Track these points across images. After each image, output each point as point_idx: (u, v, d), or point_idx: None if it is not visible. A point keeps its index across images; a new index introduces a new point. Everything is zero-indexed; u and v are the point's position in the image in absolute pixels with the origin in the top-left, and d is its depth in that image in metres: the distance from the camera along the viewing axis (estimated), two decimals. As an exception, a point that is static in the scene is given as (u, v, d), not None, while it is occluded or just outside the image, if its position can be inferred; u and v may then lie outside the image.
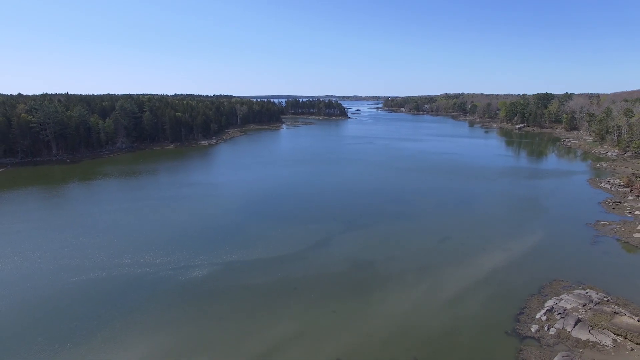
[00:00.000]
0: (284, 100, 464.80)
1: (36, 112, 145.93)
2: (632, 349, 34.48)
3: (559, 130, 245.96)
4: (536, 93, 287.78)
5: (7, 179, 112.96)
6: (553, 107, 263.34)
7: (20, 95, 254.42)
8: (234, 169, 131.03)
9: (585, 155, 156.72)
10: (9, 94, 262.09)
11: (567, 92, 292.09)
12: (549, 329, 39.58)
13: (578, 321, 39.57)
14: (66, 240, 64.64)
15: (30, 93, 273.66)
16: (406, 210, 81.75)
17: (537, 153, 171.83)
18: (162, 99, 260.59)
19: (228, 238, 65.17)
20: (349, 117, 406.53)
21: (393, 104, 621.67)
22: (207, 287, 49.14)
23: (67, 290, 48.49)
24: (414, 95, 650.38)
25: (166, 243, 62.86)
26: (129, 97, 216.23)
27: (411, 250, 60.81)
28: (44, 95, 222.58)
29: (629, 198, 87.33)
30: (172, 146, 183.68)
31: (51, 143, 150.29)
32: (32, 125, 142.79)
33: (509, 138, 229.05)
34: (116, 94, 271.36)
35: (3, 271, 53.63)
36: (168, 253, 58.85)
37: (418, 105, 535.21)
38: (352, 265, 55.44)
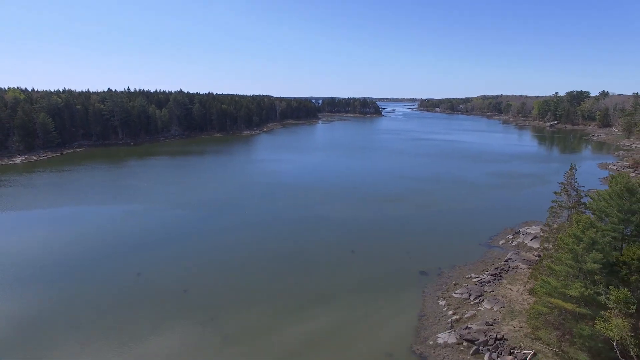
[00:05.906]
0: (320, 101, 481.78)
1: (107, 102, 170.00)
2: (566, 249, 46.72)
3: (591, 128, 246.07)
4: (569, 91, 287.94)
5: (87, 156, 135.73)
6: (587, 104, 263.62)
7: (88, 91, 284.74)
8: (273, 154, 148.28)
9: (609, 147, 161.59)
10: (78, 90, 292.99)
11: (603, 91, 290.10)
12: (511, 242, 52.45)
13: (534, 237, 52.17)
14: (149, 191, 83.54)
15: (94, 89, 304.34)
16: (424, 179, 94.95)
17: (561, 145, 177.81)
18: (209, 94, 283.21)
19: (272, 196, 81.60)
20: (383, 116, 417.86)
21: (428, 105, 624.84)
22: (253, 220, 65.34)
23: (165, 217, 66.33)
24: (450, 97, 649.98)
25: (217, 198, 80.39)
26: (181, 92, 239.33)
27: (418, 204, 74.48)
28: (110, 90, 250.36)
29: (630, 175, 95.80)
30: (218, 135, 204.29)
31: (117, 129, 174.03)
32: (103, 113, 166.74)
33: (539, 133, 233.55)
34: (166, 90, 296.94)
35: (115, 207, 72.45)
36: (220, 204, 76.01)
37: (453, 106, 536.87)
38: (361, 215, 69.99)
